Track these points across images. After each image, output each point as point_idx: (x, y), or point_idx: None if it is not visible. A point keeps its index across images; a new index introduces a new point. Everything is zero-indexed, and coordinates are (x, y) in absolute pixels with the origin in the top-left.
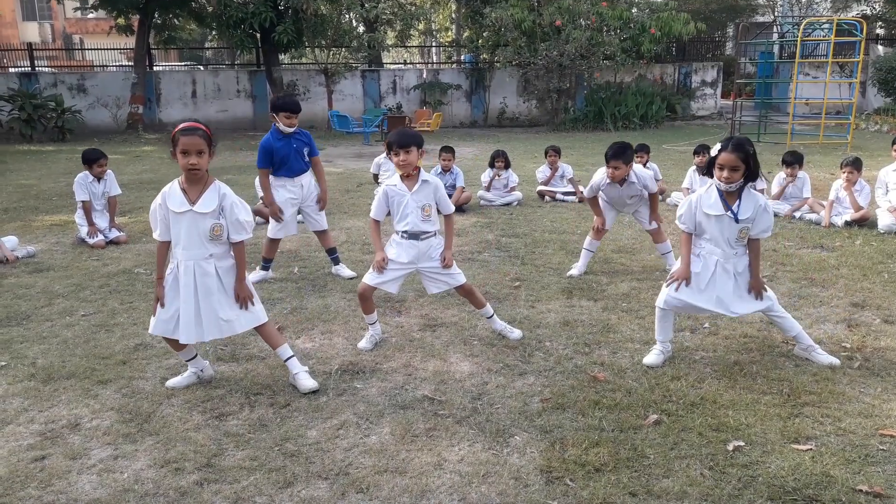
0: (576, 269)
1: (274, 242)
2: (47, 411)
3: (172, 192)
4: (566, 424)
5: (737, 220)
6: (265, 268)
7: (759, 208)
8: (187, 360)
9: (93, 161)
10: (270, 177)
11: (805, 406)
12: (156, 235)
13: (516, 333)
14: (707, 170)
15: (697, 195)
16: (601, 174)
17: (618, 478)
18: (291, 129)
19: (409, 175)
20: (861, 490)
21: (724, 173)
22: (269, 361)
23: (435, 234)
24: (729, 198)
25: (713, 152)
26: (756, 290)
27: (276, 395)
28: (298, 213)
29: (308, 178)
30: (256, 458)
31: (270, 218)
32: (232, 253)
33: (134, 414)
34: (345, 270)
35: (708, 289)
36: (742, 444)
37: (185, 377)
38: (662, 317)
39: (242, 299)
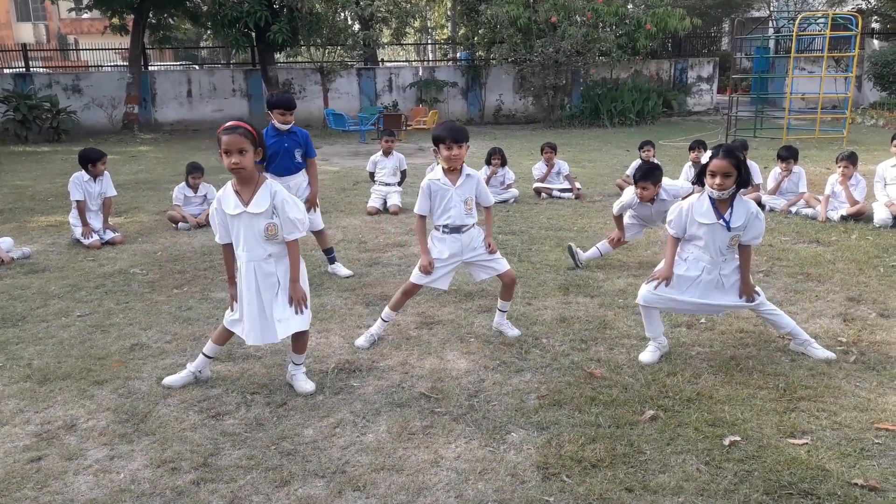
0: (582, 253)
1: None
2: (43, 412)
3: (226, 195)
4: (563, 421)
5: (729, 229)
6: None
7: (750, 216)
8: (209, 357)
9: (96, 160)
10: (265, 172)
11: (801, 401)
12: (217, 239)
13: (514, 332)
14: (698, 178)
15: (689, 202)
16: (630, 194)
17: (614, 473)
18: (286, 127)
19: (454, 169)
20: (856, 484)
21: (717, 180)
22: (266, 361)
23: (474, 225)
24: (721, 205)
25: (703, 160)
26: (748, 294)
27: (273, 394)
28: None
29: (298, 180)
30: (253, 457)
31: None
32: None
33: (130, 414)
34: (341, 269)
35: (689, 290)
36: (738, 438)
37: (182, 376)
38: (646, 314)
39: (296, 301)
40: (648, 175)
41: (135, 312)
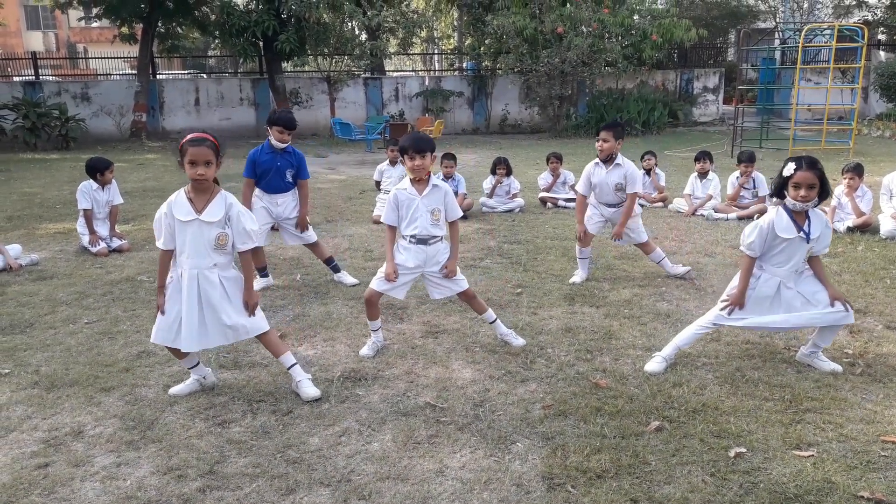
0: (578, 277)
1: (257, 252)
2: (50, 419)
3: (178, 201)
4: (568, 431)
5: (808, 240)
6: (264, 275)
7: (823, 225)
8: (190, 368)
9: (104, 169)
10: (256, 187)
11: (807, 412)
12: (159, 244)
13: (519, 341)
14: (778, 192)
15: (767, 220)
16: (591, 163)
17: (619, 484)
18: (283, 146)
19: (420, 179)
20: (862, 496)
21: (802, 192)
22: (272, 369)
23: (441, 238)
24: (798, 218)
25: (786, 172)
26: (840, 298)
27: (279, 402)
28: (273, 228)
29: (287, 199)
30: (259, 465)
31: None
32: (234, 265)
33: (137, 421)
34: (347, 278)
35: (772, 309)
36: (744, 450)
37: (187, 384)
38: (701, 332)
39: (251, 306)
40: (611, 126)
41: (142, 320)
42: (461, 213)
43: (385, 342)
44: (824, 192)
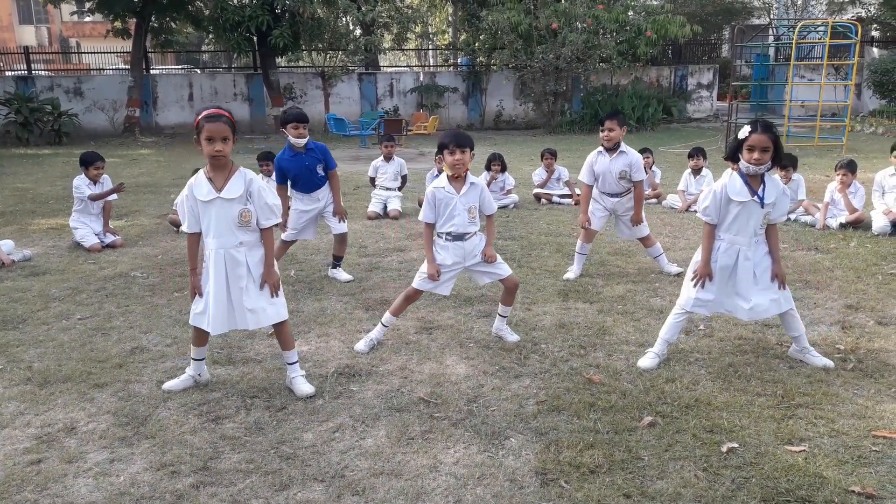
0: (571, 273)
1: (284, 245)
2: (43, 415)
3: (199, 182)
4: (561, 426)
5: (762, 205)
6: None
7: (779, 192)
8: (198, 360)
9: (89, 163)
10: (292, 190)
11: (799, 408)
12: (184, 228)
13: (514, 337)
14: (732, 155)
15: (721, 184)
16: (594, 152)
17: (612, 479)
18: (303, 141)
19: (458, 177)
20: (854, 491)
21: (755, 155)
22: (266, 364)
23: (476, 233)
24: (753, 182)
25: (741, 135)
26: (780, 277)
27: (273, 398)
28: (315, 220)
29: (324, 192)
30: (253, 461)
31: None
32: (262, 242)
33: (130, 417)
34: (342, 274)
35: (730, 281)
36: (736, 445)
37: (182, 380)
38: (679, 319)
39: (271, 286)
40: (614, 115)
41: (135, 316)
42: (496, 208)
43: (381, 337)
44: (777, 157)
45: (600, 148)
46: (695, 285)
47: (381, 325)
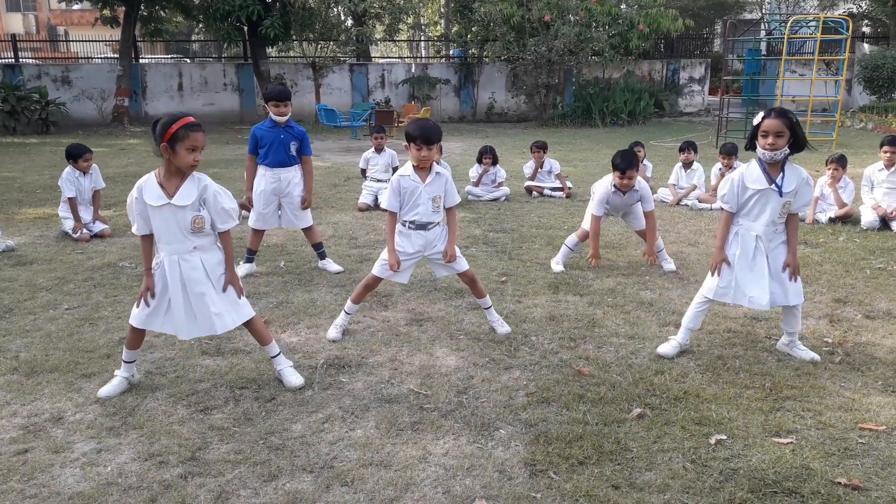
0: (559, 265)
1: (257, 234)
2: (30, 405)
3: (149, 186)
4: (551, 418)
5: (781, 194)
6: (249, 259)
7: (801, 181)
8: (129, 362)
9: (77, 156)
10: (259, 163)
11: (786, 400)
12: (134, 230)
13: (505, 328)
14: (750, 143)
15: (739, 172)
16: (605, 186)
17: (601, 471)
18: (283, 119)
19: (424, 167)
20: (840, 483)
21: (769, 140)
22: (255, 355)
23: (439, 223)
24: (772, 170)
25: (755, 121)
26: (794, 267)
27: (262, 388)
28: (279, 207)
29: (290, 174)
30: (241, 452)
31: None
32: (218, 244)
33: (118, 408)
34: (331, 265)
35: (747, 268)
36: (724, 437)
37: (115, 385)
38: (702, 308)
39: (235, 287)
40: (634, 163)
41: (123, 305)
42: (459, 199)
43: (371, 329)
44: (797, 144)
45: (614, 188)
46: (712, 273)
47: (345, 312)
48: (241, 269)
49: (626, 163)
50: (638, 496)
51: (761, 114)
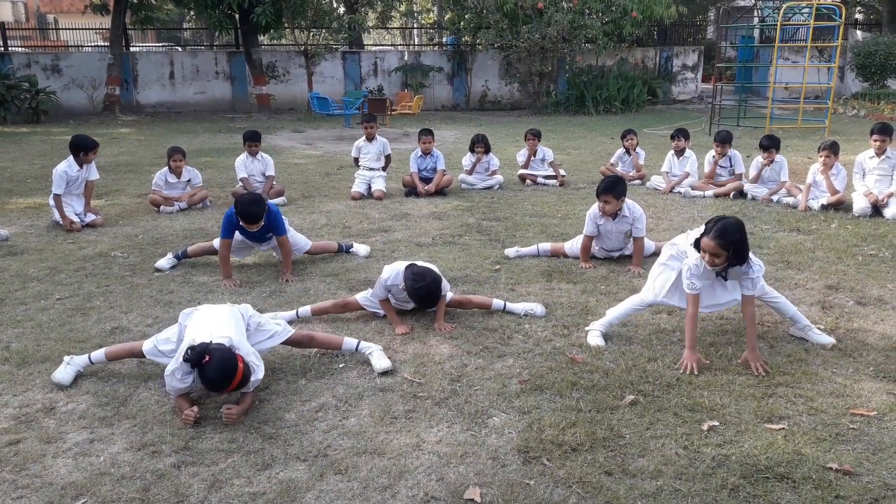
0: (515, 253)
1: (210, 250)
2: (22, 395)
3: None
4: (544, 405)
5: (726, 279)
6: (178, 258)
7: (740, 273)
8: (92, 364)
9: (88, 149)
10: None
11: (778, 387)
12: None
13: (535, 306)
14: (696, 244)
15: (688, 266)
16: (593, 207)
17: (594, 457)
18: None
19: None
20: (831, 468)
21: (706, 257)
22: None
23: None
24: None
25: (699, 230)
26: (753, 364)
27: None
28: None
29: (268, 245)
30: (234, 441)
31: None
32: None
33: (110, 398)
34: (361, 249)
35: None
36: (716, 423)
37: (68, 373)
38: (635, 308)
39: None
40: (611, 188)
41: (115, 296)
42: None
43: (362, 317)
44: (738, 258)
45: (599, 211)
46: (683, 372)
47: (296, 313)
48: (164, 260)
49: (601, 186)
50: (631, 482)
51: (702, 228)
